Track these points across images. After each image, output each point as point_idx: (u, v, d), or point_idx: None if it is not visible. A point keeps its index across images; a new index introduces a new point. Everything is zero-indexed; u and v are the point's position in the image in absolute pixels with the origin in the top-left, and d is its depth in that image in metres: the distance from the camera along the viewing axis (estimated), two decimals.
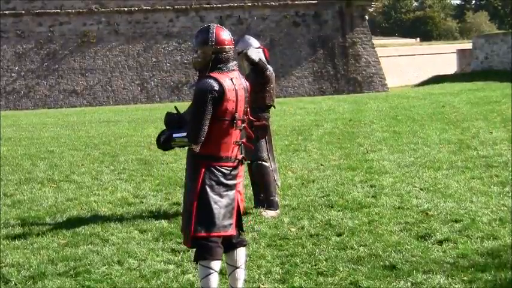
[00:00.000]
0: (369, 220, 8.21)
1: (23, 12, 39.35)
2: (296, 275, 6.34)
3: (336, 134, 17.08)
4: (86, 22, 39.92)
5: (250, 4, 40.91)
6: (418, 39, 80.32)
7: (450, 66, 50.38)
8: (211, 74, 5.38)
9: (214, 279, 5.34)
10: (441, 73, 46.19)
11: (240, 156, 5.51)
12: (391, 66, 49.86)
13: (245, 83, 5.57)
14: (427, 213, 8.38)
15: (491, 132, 15.46)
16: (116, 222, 8.60)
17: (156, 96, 39.51)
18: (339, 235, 7.65)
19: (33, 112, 34.58)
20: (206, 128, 5.31)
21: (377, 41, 52.34)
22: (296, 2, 41.30)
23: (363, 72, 40.90)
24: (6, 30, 39.15)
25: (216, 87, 5.29)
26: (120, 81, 39.65)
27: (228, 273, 5.67)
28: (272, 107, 9.07)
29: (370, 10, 44.43)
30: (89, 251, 7.36)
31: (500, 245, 6.96)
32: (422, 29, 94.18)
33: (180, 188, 10.59)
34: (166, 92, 39.68)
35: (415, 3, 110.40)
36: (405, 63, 55.94)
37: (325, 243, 7.35)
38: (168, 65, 39.97)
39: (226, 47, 5.47)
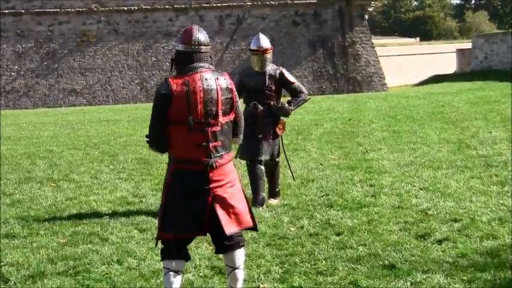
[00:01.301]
0: (368, 219, 8.21)
1: (23, 11, 39.33)
2: (295, 275, 6.34)
3: (336, 133, 17.08)
4: (86, 21, 39.91)
5: (249, 3, 40.89)
6: (418, 38, 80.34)
7: (450, 65, 50.35)
8: (169, 78, 5.45)
9: (170, 278, 5.42)
10: (441, 73, 46.19)
11: (208, 161, 5.42)
12: (390, 66, 49.86)
13: (215, 85, 5.43)
14: (426, 213, 8.38)
15: (490, 132, 15.47)
16: (116, 222, 8.60)
17: None
18: (338, 234, 7.65)
19: (32, 111, 34.57)
20: (158, 130, 5.46)
21: (376, 40, 52.34)
22: (296, 2, 41.28)
23: (363, 71, 40.90)
24: (5, 29, 39.13)
25: (164, 91, 5.36)
26: (119, 80, 39.65)
27: (227, 273, 5.68)
28: None
29: (370, 9, 44.41)
30: (89, 250, 7.36)
31: (500, 245, 6.97)
32: (422, 29, 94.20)
33: None
34: None
35: (415, 3, 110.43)
36: (405, 62, 55.95)
37: (324, 242, 7.35)
38: (167, 64, 39.92)
39: (181, 45, 5.49)
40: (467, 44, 52.75)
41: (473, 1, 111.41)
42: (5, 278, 6.58)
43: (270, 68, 9.45)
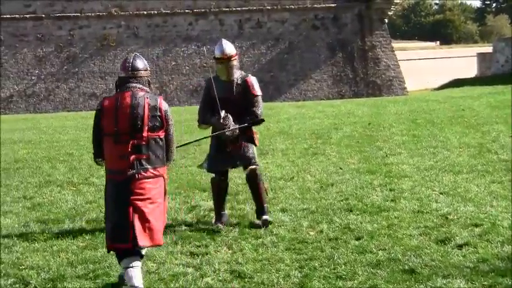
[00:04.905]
0: (388, 224, 8.18)
1: (43, 16, 39.59)
2: (315, 279, 6.33)
3: (355, 137, 17.02)
4: (106, 25, 40.10)
5: (269, 7, 40.91)
6: (438, 42, 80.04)
7: (470, 69, 50.09)
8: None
9: (129, 273, 6.01)
10: (461, 77, 45.96)
11: (131, 171, 5.95)
12: (410, 70, 49.66)
13: (144, 102, 6.05)
14: (446, 217, 8.34)
15: (511, 136, 15.36)
16: None
17: (175, 100, 39.60)
18: (358, 239, 7.63)
19: (53, 115, 34.75)
20: (95, 143, 6.29)
21: (396, 44, 52.17)
22: (315, 6, 41.24)
23: (382, 75, 40.77)
24: (26, 33, 39.40)
25: (98, 106, 6.20)
26: None
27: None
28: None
29: (390, 13, 44.27)
30: (108, 254, 7.38)
31: None
32: (442, 32, 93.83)
33: (199, 191, 10.61)
34: (185, 96, 39.78)
35: (435, 7, 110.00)
36: (425, 66, 55.72)
37: (344, 247, 7.33)
38: (187, 68, 40.06)
39: (120, 71, 6.28)
40: (488, 48, 52.48)
41: (494, 5, 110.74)
42: (25, 281, 6.62)
43: (238, 75, 8.56)
